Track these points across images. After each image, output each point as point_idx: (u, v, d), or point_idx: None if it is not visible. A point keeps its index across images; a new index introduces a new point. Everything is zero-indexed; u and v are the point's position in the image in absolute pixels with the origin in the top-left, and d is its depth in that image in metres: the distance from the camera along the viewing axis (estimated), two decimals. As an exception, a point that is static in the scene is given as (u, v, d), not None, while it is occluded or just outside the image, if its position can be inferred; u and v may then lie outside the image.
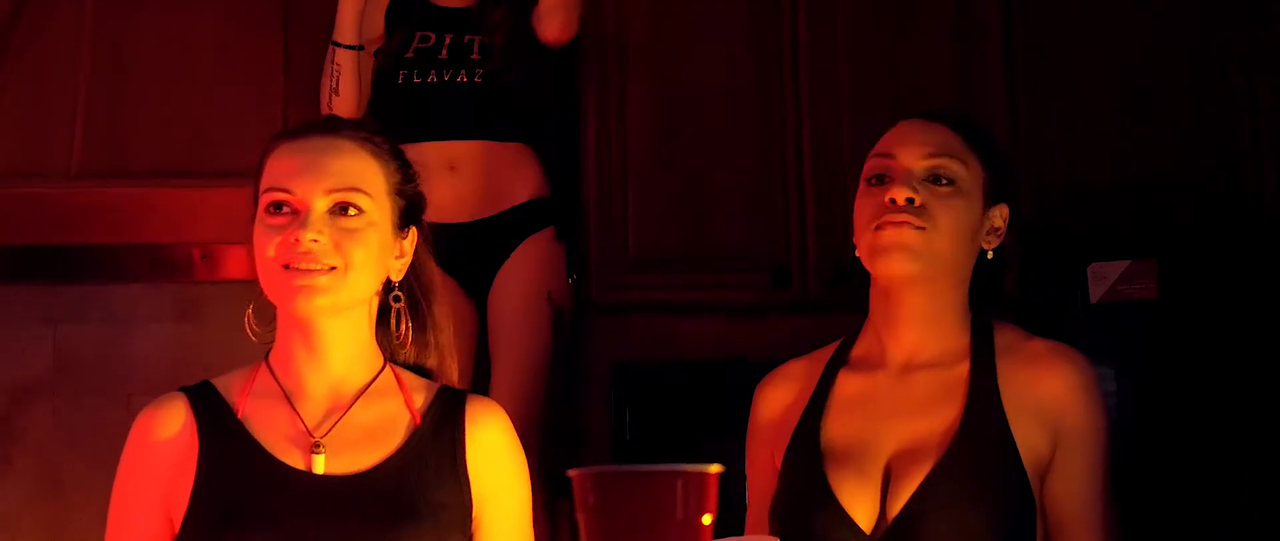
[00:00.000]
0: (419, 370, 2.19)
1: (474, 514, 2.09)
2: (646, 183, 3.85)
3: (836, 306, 3.77)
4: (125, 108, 4.12)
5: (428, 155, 3.68)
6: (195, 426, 2.08)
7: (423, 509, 2.03)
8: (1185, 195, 3.69)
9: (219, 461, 2.05)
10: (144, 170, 3.97)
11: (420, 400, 2.13)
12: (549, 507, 3.64)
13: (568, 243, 3.75)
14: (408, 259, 2.15)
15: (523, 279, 3.67)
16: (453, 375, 2.21)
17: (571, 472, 1.30)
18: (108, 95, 4.11)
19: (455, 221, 3.64)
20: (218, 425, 2.08)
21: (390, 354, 2.16)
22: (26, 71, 4.06)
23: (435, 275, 2.22)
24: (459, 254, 3.65)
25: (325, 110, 3.63)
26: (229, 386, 2.13)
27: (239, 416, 2.08)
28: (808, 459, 2.22)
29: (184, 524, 2.03)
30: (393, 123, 3.72)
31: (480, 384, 3.64)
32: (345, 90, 3.65)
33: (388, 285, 2.13)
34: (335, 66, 3.65)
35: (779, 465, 2.29)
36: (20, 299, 4.48)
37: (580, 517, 1.29)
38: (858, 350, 2.33)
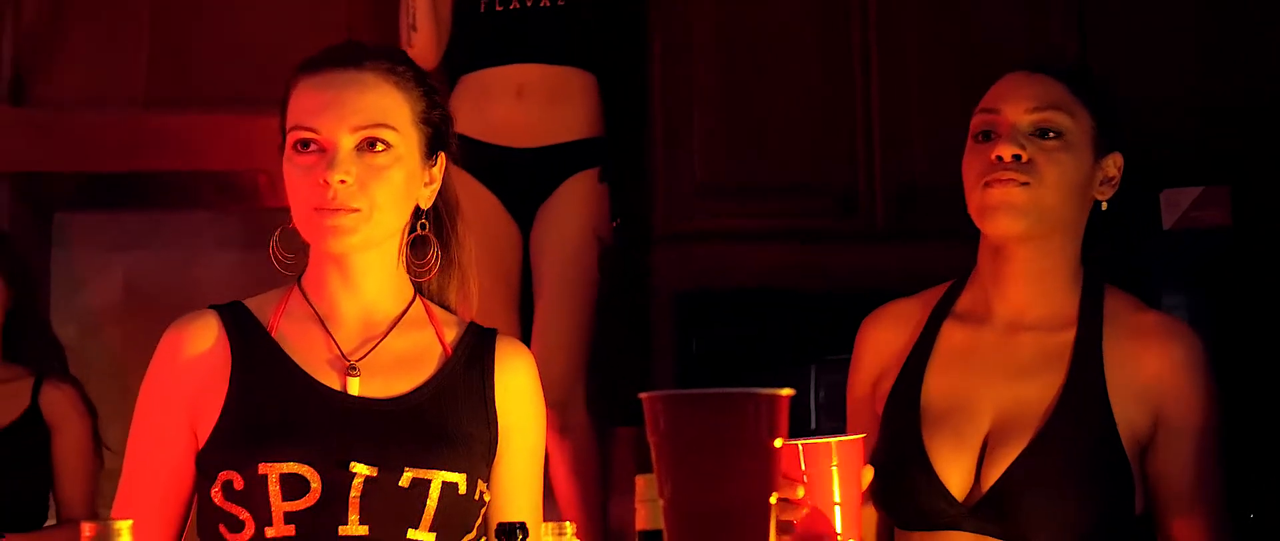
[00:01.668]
0: (440, 302, 2.19)
1: (497, 449, 2.10)
2: (712, 110, 3.83)
3: (903, 234, 3.78)
4: (191, 34, 4.14)
5: (497, 79, 3.69)
6: (227, 342, 2.07)
7: (454, 437, 2.04)
8: (1259, 120, 3.64)
9: (253, 377, 2.04)
10: (210, 96, 4.00)
11: (451, 334, 2.14)
12: (602, 434, 3.66)
13: (612, 185, 3.74)
14: (437, 185, 2.14)
15: (566, 216, 3.68)
16: (473, 292, 2.21)
17: (643, 395, 1.29)
18: (173, 22, 4.13)
19: (514, 146, 3.64)
20: (251, 342, 2.07)
21: (416, 276, 2.15)
22: (93, 1, 4.09)
23: (458, 190, 2.21)
24: (509, 180, 3.65)
25: (404, 46, 3.63)
26: (262, 306, 2.12)
27: (273, 336, 2.08)
28: (906, 418, 2.19)
29: (212, 436, 2.02)
30: (469, 49, 3.73)
31: (525, 310, 3.66)
32: (423, 25, 3.65)
33: (417, 211, 2.12)
34: (411, 2, 3.65)
35: (880, 412, 2.26)
36: (90, 226, 4.53)
37: (652, 440, 1.29)
38: (964, 302, 2.28)
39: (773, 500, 1.28)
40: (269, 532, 1.96)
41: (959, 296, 2.28)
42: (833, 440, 1.87)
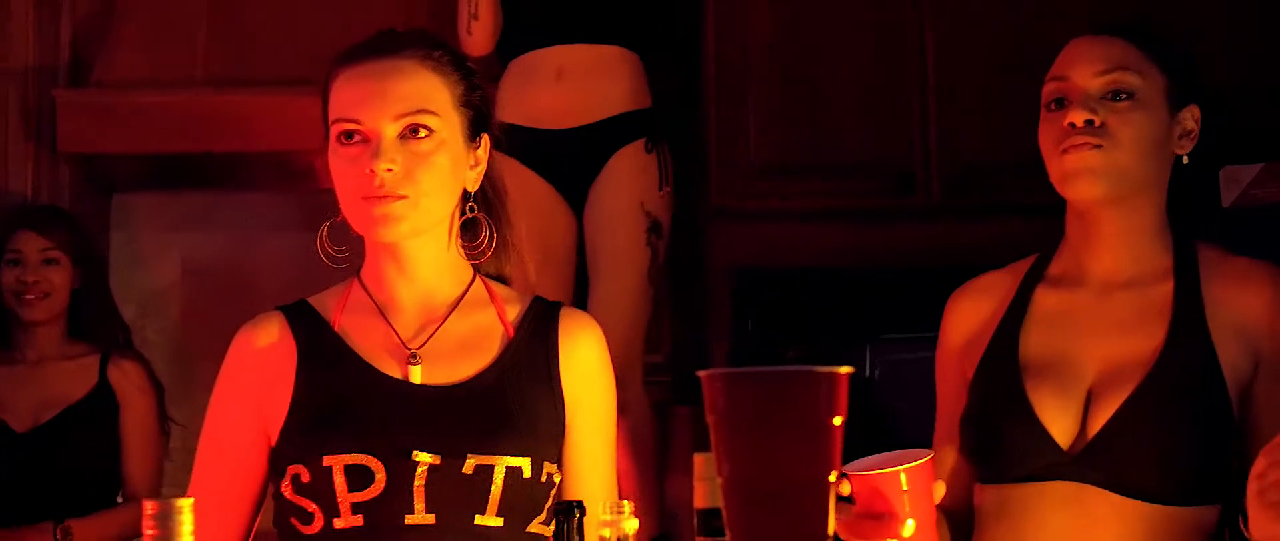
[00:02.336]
0: (497, 277, 2.20)
1: (566, 425, 2.10)
2: (768, 88, 3.82)
3: (959, 211, 3.77)
4: (249, 16, 4.16)
5: (537, 62, 3.70)
6: (293, 340, 2.10)
7: (519, 418, 2.05)
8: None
9: (317, 372, 2.07)
10: (268, 78, 4.01)
11: (513, 312, 2.15)
12: (660, 411, 3.65)
13: (659, 154, 3.73)
14: (482, 166, 2.14)
15: (616, 190, 3.68)
16: (529, 271, 2.23)
17: (701, 374, 1.29)
18: (232, 4, 4.14)
19: (556, 128, 3.65)
20: (315, 338, 2.10)
21: (471, 259, 2.16)
22: (152, -20, 4.11)
23: (509, 178, 2.22)
24: (556, 162, 3.66)
25: (463, 34, 3.64)
26: (325, 303, 2.15)
27: (336, 330, 2.11)
28: (1006, 371, 2.19)
29: (281, 433, 2.05)
30: (514, 33, 3.73)
31: (581, 291, 3.66)
32: (484, 14, 3.67)
33: (465, 194, 2.13)
34: None
35: (970, 378, 2.27)
36: (148, 207, 4.55)
37: (710, 419, 1.29)
38: (1055, 268, 2.28)
39: (831, 478, 1.28)
40: (338, 524, 1.99)
41: (1050, 263, 2.29)
42: (902, 469, 1.86)
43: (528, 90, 3.68)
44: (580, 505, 1.65)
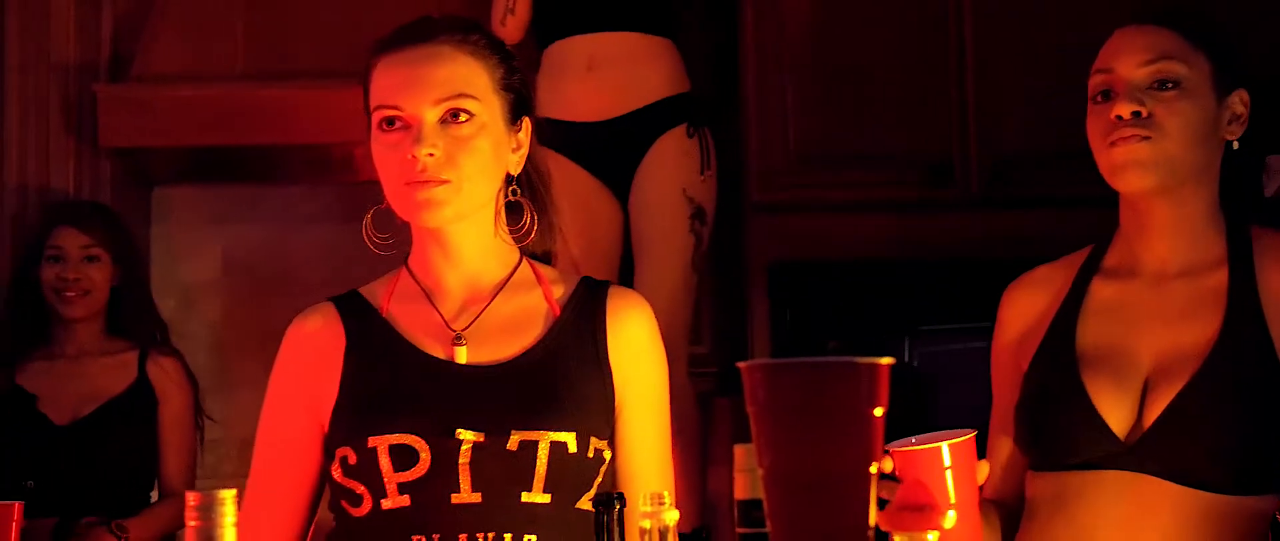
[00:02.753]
0: (543, 257, 2.21)
1: (616, 403, 2.11)
2: (805, 80, 3.82)
3: (998, 203, 3.75)
4: (286, 9, 4.17)
5: (569, 52, 3.70)
6: (342, 328, 2.12)
7: (565, 397, 2.05)
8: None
9: (365, 357, 2.09)
10: (305, 70, 4.02)
11: (560, 291, 2.16)
12: (703, 402, 3.65)
13: (700, 138, 3.72)
14: (524, 150, 2.15)
15: (658, 177, 3.68)
16: (573, 251, 2.23)
17: (741, 365, 1.29)
18: (269, -4, 4.16)
19: (591, 120, 3.65)
20: (364, 325, 2.12)
21: (516, 242, 2.17)
22: (190, -27, 4.13)
23: (554, 172, 2.23)
24: (598, 153, 3.66)
25: (496, 28, 3.65)
26: (374, 291, 2.17)
27: (384, 316, 2.13)
28: (1062, 361, 2.19)
29: (332, 418, 2.07)
30: (545, 21, 3.74)
31: (627, 282, 3.66)
32: (521, 11, 3.67)
33: (508, 178, 2.13)
34: None
35: (1026, 370, 2.26)
36: (188, 200, 4.57)
37: (750, 410, 1.29)
38: (1110, 259, 2.28)
39: (873, 470, 1.27)
40: (385, 504, 2.01)
41: (1105, 254, 2.28)
42: (944, 443, 1.87)
43: (559, 83, 3.69)
44: (620, 496, 1.65)
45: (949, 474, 1.87)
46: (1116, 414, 2.12)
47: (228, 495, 1.39)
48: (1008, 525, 2.22)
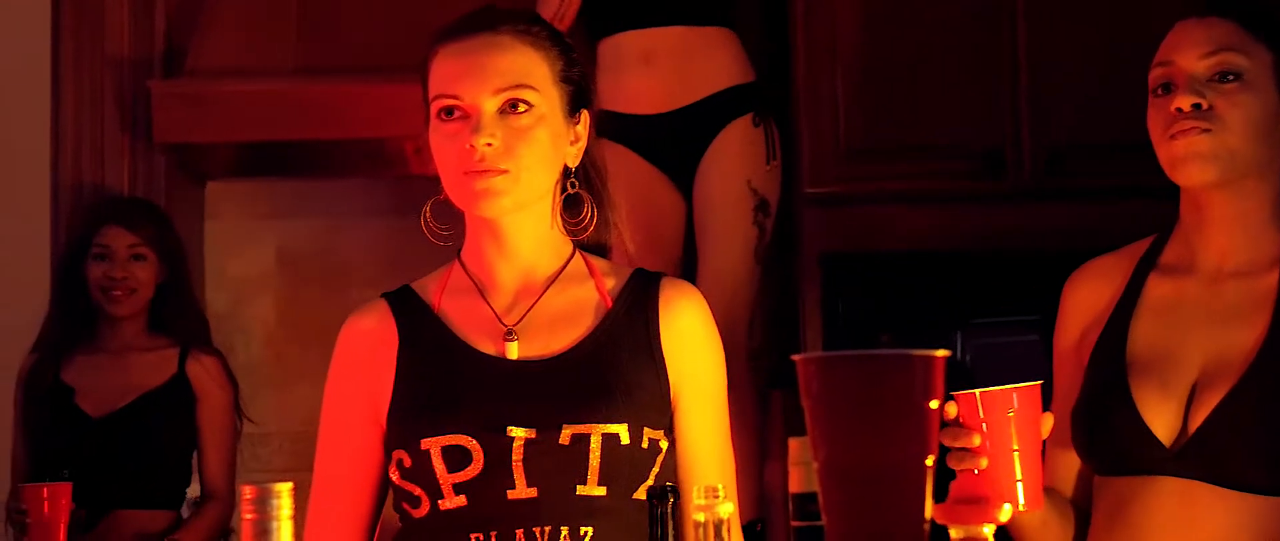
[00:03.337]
0: (598, 250, 2.20)
1: (671, 395, 2.09)
2: (857, 71, 3.80)
3: (1052, 194, 3.73)
4: (338, 4, 4.19)
5: (624, 46, 3.69)
6: (395, 326, 2.12)
7: (615, 387, 2.04)
8: None
9: (418, 354, 2.09)
10: (358, 65, 4.04)
11: (612, 283, 2.14)
12: (761, 395, 3.64)
13: (765, 128, 3.71)
14: (583, 143, 2.14)
15: (723, 168, 3.66)
16: (629, 246, 2.22)
17: (796, 358, 1.28)
18: (321, -9, 4.18)
19: (652, 112, 3.64)
20: (417, 322, 2.11)
21: (573, 236, 2.16)
22: (244, -30, 4.14)
23: (616, 165, 2.22)
24: (660, 144, 3.65)
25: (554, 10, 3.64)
26: (426, 286, 2.16)
27: (436, 312, 2.12)
28: (1111, 365, 2.17)
29: (388, 418, 2.07)
30: (601, 15, 3.73)
31: (689, 274, 3.65)
32: (570, 15, 3.67)
33: (566, 170, 2.13)
34: None
35: (1085, 362, 2.24)
36: (242, 195, 4.60)
37: (805, 403, 1.28)
38: (1169, 254, 2.25)
39: (929, 462, 1.27)
40: (443, 505, 2.01)
41: (1164, 249, 2.26)
42: (1012, 387, 1.87)
43: (618, 77, 3.68)
44: (674, 489, 1.64)
45: (1013, 418, 1.87)
46: (1162, 421, 2.10)
47: (283, 488, 1.39)
48: (1083, 526, 2.21)
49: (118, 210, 3.95)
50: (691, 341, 2.12)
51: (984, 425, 1.89)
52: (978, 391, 1.90)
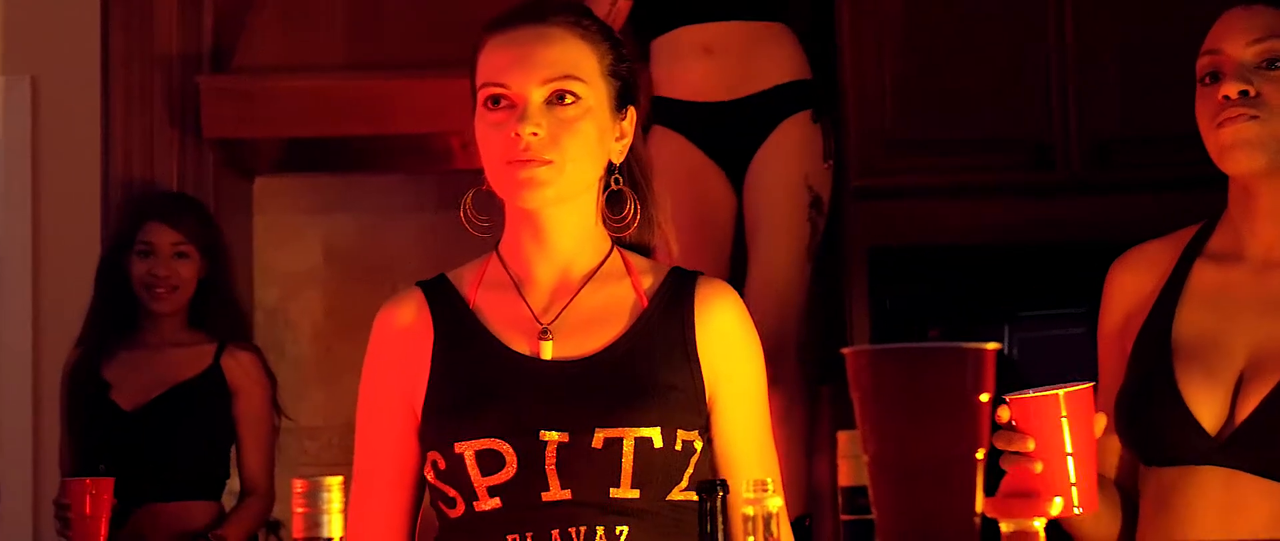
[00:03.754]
0: (641, 249, 2.19)
1: (707, 395, 2.07)
2: (902, 63, 3.79)
3: (1099, 187, 3.71)
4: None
5: (682, 39, 3.69)
6: (430, 318, 2.10)
7: (649, 390, 2.02)
8: None
9: (451, 351, 2.08)
10: (404, 61, 4.05)
11: (649, 282, 2.12)
12: (809, 390, 3.63)
13: (823, 126, 3.71)
14: (628, 139, 2.13)
15: (780, 162, 3.66)
16: (673, 247, 2.20)
17: (846, 351, 1.28)
18: (368, -13, 4.19)
19: (712, 100, 3.64)
20: (451, 316, 2.09)
21: (615, 232, 2.15)
22: (291, -34, 4.16)
23: (669, 151, 2.21)
24: (716, 133, 3.65)
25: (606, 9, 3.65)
26: (462, 278, 2.14)
27: (471, 306, 2.10)
28: (1156, 353, 2.15)
29: (422, 415, 2.07)
30: (657, 11, 3.74)
31: (737, 266, 3.65)
32: (620, 16, 3.67)
33: (610, 166, 2.12)
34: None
35: (1129, 350, 2.23)
36: (289, 190, 4.62)
37: (855, 396, 1.28)
38: (1215, 242, 2.23)
39: (979, 456, 1.26)
40: (478, 506, 2.00)
41: (1210, 237, 2.24)
42: (1061, 391, 1.86)
43: (677, 65, 3.68)
44: (723, 483, 1.64)
45: (1066, 422, 1.86)
46: (1208, 410, 2.08)
47: (334, 481, 1.40)
48: (1130, 513, 2.20)
49: (161, 207, 3.95)
50: (728, 341, 2.11)
51: (1037, 429, 1.89)
52: (1030, 395, 1.89)
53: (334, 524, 1.39)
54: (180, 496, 3.76)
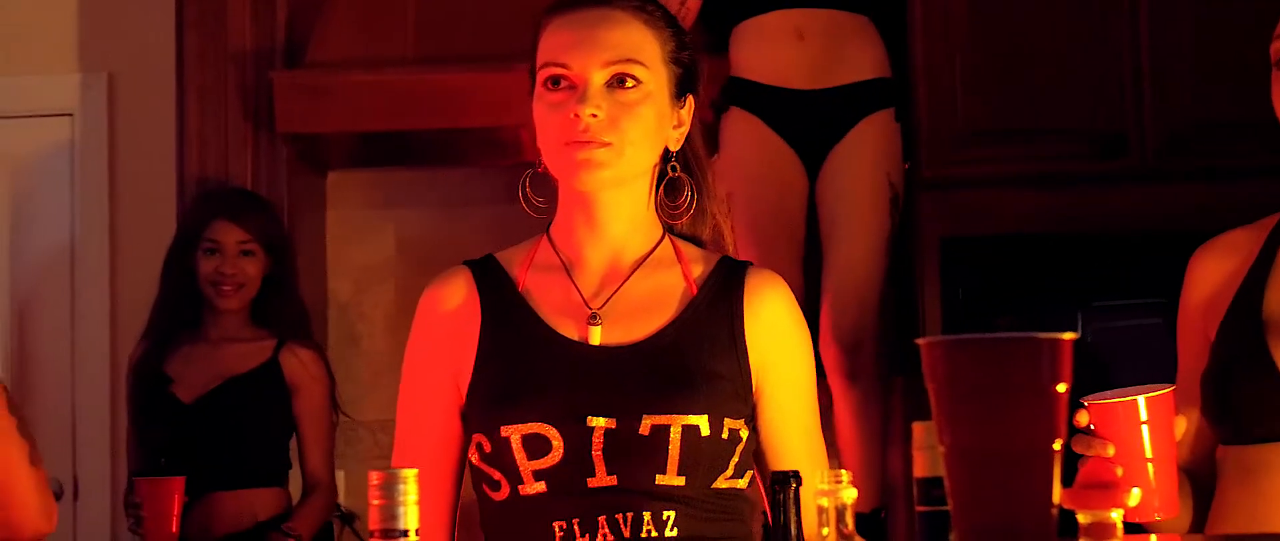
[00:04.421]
0: (693, 240, 2.17)
1: (754, 385, 2.07)
2: (973, 52, 3.78)
3: (1174, 175, 3.68)
4: (456, -8, 4.22)
5: (773, 22, 3.69)
6: (478, 298, 2.09)
7: (696, 378, 2.01)
8: None
9: (500, 333, 2.06)
10: (475, 54, 4.06)
11: (698, 270, 2.11)
12: (883, 382, 3.63)
13: (903, 125, 3.72)
14: (686, 128, 2.12)
15: (863, 159, 3.66)
16: (727, 240, 2.19)
17: (921, 342, 1.28)
18: (438, -19, 4.20)
19: (797, 87, 3.64)
20: (499, 297, 2.08)
21: (669, 219, 2.15)
22: (362, -39, 4.18)
23: (745, 134, 2.20)
24: (797, 121, 3.65)
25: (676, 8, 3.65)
26: (511, 259, 2.13)
27: (520, 289, 2.09)
28: (1248, 328, 2.13)
29: (467, 398, 2.06)
30: (730, 2, 3.74)
31: (812, 258, 3.65)
32: (691, 12, 3.67)
33: (666, 154, 2.12)
34: None
35: (1212, 336, 2.21)
36: (363, 184, 4.64)
37: (930, 386, 1.27)
38: None
39: (1057, 446, 1.26)
40: (523, 490, 1.99)
41: None
42: (1141, 396, 1.84)
43: (766, 48, 3.69)
44: (796, 475, 1.63)
45: (1145, 428, 1.85)
46: None
47: (410, 473, 1.41)
48: (1200, 497, 2.18)
49: (228, 205, 3.99)
50: (776, 331, 2.10)
51: (1116, 434, 1.87)
52: (1110, 399, 1.88)
53: (410, 515, 1.41)
54: (242, 484, 3.79)
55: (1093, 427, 1.89)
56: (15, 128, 4.67)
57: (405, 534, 1.40)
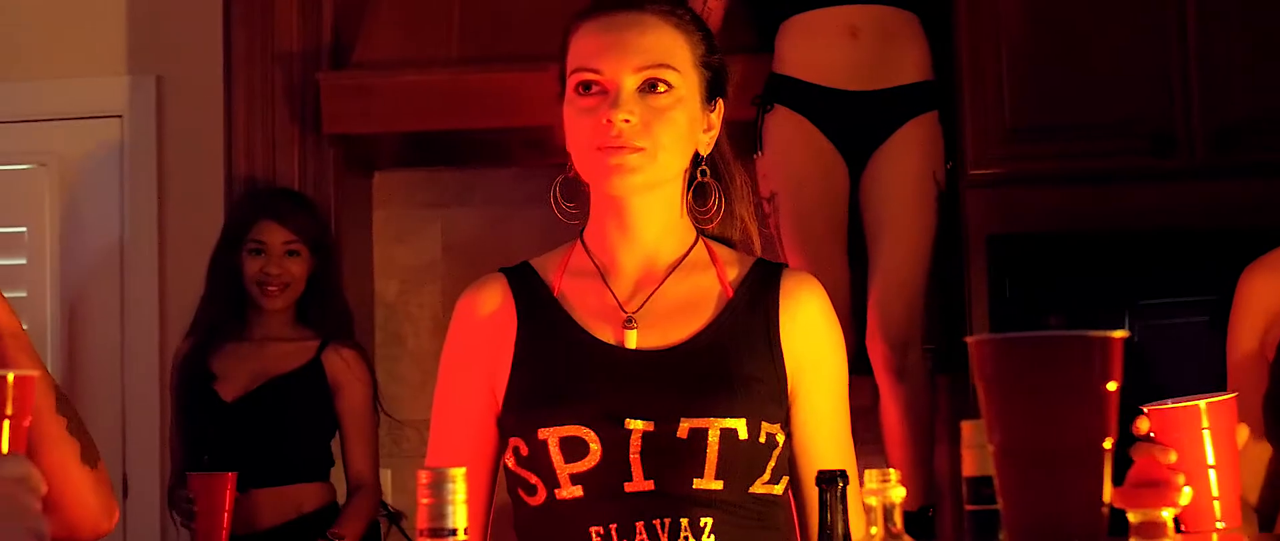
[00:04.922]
0: (723, 242, 2.17)
1: (789, 388, 2.07)
2: (1020, 49, 3.76)
3: (1223, 172, 3.66)
4: (502, -8, 4.22)
5: (823, 19, 3.68)
6: (514, 305, 2.09)
7: (734, 381, 2.01)
8: None
9: (536, 338, 2.06)
10: (519, 54, 4.06)
11: (733, 273, 2.11)
12: (930, 381, 3.62)
13: (946, 128, 3.71)
14: (716, 131, 2.12)
15: (910, 161, 3.66)
16: (756, 242, 2.18)
17: (970, 340, 1.27)
18: (484, -19, 4.21)
19: (847, 88, 3.63)
20: (535, 303, 2.09)
21: (699, 223, 2.14)
22: (407, -38, 4.19)
23: (791, 132, 2.19)
24: (843, 122, 3.65)
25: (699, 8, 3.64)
26: (546, 265, 2.14)
27: (555, 294, 2.10)
28: None
29: (504, 402, 2.06)
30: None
31: (856, 256, 3.64)
32: (715, 15, 3.66)
33: (696, 158, 2.12)
34: None
35: (1271, 357, 2.18)
36: (410, 184, 4.66)
37: (979, 385, 1.27)
38: None
39: (1107, 445, 1.25)
40: (559, 494, 1.99)
41: None
42: (1202, 401, 1.83)
43: (816, 47, 3.67)
44: (843, 474, 1.63)
45: (1207, 434, 1.83)
46: None
47: (458, 473, 1.41)
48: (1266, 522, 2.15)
49: (273, 205, 4.01)
50: (811, 334, 2.09)
51: (1178, 441, 1.84)
52: (1170, 405, 1.86)
53: (458, 514, 1.41)
54: (285, 481, 3.81)
55: (1152, 435, 1.87)
56: (65, 130, 4.70)
57: (454, 532, 1.40)
